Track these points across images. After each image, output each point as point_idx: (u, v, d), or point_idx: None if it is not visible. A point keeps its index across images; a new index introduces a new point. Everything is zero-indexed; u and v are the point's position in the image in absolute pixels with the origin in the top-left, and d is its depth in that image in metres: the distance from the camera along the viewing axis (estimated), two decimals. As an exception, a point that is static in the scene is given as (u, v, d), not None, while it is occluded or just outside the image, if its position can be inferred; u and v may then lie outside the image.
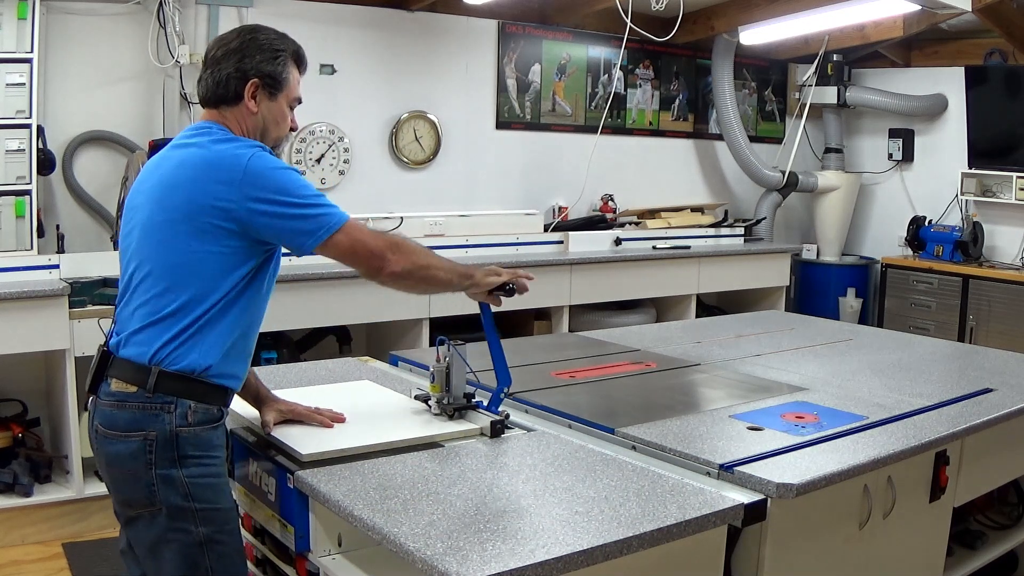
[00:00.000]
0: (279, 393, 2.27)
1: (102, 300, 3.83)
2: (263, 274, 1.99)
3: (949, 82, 6.46)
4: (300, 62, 2.12)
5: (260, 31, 2.11)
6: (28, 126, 3.97)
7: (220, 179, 1.88)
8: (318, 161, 5.11)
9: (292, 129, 2.13)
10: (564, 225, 5.74)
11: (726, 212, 6.51)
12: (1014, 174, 6.01)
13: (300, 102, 2.12)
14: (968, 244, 6.16)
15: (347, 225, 1.93)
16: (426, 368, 2.41)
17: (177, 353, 1.88)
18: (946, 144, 6.55)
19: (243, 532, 2.16)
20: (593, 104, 6.13)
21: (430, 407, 2.26)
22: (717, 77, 6.40)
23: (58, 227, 4.29)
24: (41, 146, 4.09)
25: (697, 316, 5.80)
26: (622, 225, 5.97)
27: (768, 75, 7.06)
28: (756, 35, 6.09)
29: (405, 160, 5.42)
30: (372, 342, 5.11)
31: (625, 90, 6.29)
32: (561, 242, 5.60)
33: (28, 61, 3.93)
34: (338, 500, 1.74)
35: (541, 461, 1.99)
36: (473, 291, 2.18)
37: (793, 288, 6.64)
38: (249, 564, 2.17)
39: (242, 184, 1.87)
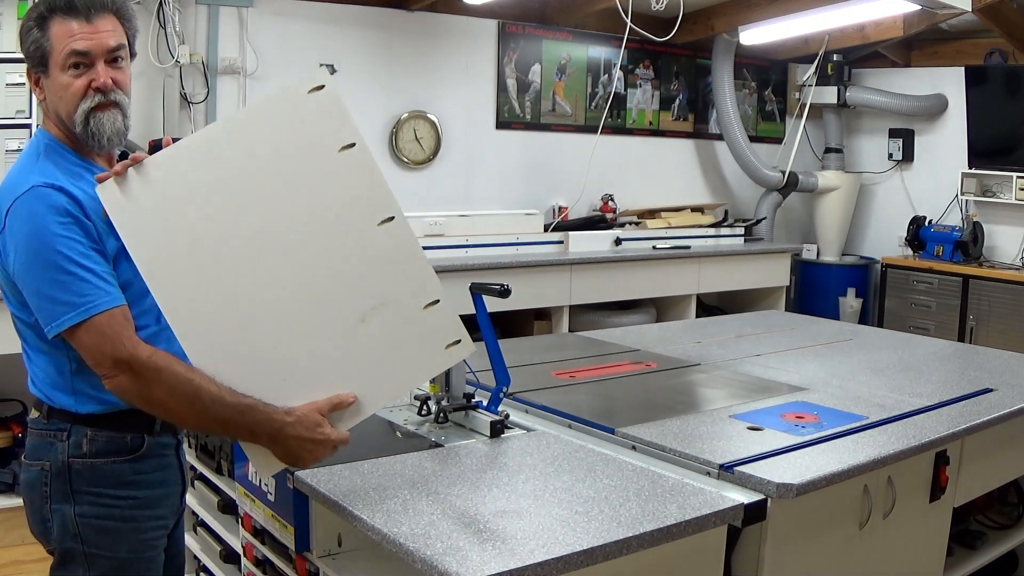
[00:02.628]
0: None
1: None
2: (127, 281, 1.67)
3: (949, 82, 6.45)
4: (62, 11, 1.67)
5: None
6: (28, 126, 3.96)
7: None
8: (318, 161, 5.11)
9: (98, 89, 1.68)
10: (564, 225, 5.73)
11: (726, 212, 6.51)
12: (1014, 174, 6.01)
13: (84, 53, 1.67)
14: (968, 244, 6.16)
15: (98, 319, 1.57)
16: (426, 368, 2.40)
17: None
18: (946, 144, 6.55)
19: (243, 532, 2.16)
20: (593, 104, 6.13)
21: (428, 407, 2.26)
22: (717, 77, 6.39)
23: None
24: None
25: (697, 316, 5.80)
26: (622, 225, 5.96)
27: (768, 75, 7.06)
28: (756, 35, 6.09)
29: (405, 160, 5.42)
30: (372, 342, 5.10)
31: (625, 90, 6.29)
32: (561, 242, 5.60)
33: (28, 61, 3.94)
34: (338, 500, 1.74)
35: (541, 461, 1.99)
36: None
37: (793, 288, 6.64)
38: (249, 564, 2.17)
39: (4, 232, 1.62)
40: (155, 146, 1.71)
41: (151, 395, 1.59)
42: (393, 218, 1.66)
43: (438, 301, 1.71)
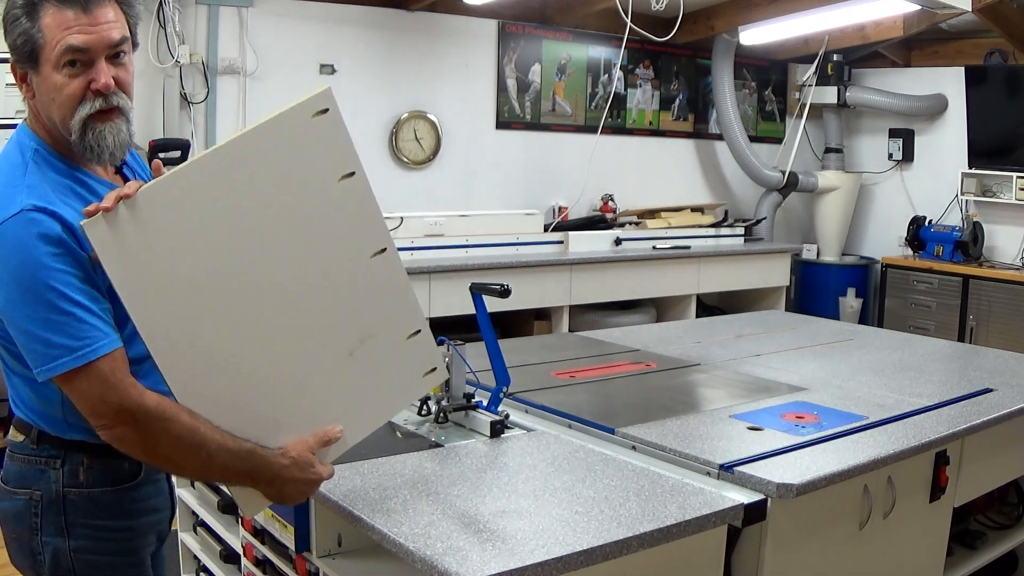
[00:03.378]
0: None
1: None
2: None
3: (949, 82, 6.46)
4: (33, 12, 1.44)
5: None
6: (28, 126, 3.96)
7: None
8: (318, 161, 5.10)
9: (98, 92, 1.47)
10: (564, 225, 5.74)
11: (726, 212, 6.51)
12: (1014, 174, 6.01)
13: (82, 49, 1.45)
14: (968, 244, 6.16)
15: (98, 364, 1.41)
16: (426, 368, 2.40)
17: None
18: (946, 144, 6.55)
19: (243, 532, 2.16)
20: (593, 104, 6.13)
21: (428, 407, 2.26)
22: (717, 77, 6.40)
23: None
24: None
25: (697, 316, 5.80)
26: (622, 225, 5.96)
27: (768, 75, 7.06)
28: (756, 35, 6.09)
29: (405, 160, 5.42)
30: (372, 342, 5.10)
31: (625, 90, 6.29)
32: (561, 242, 5.60)
33: (28, 61, 3.93)
34: (338, 500, 1.74)
35: (541, 461, 1.99)
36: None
37: (793, 288, 6.64)
38: (249, 564, 2.17)
39: None
40: (155, 146, 1.64)
41: (155, 448, 1.45)
42: (385, 249, 1.62)
43: (420, 331, 1.69)
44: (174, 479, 1.81)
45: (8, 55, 1.51)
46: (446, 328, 3.95)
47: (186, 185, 1.47)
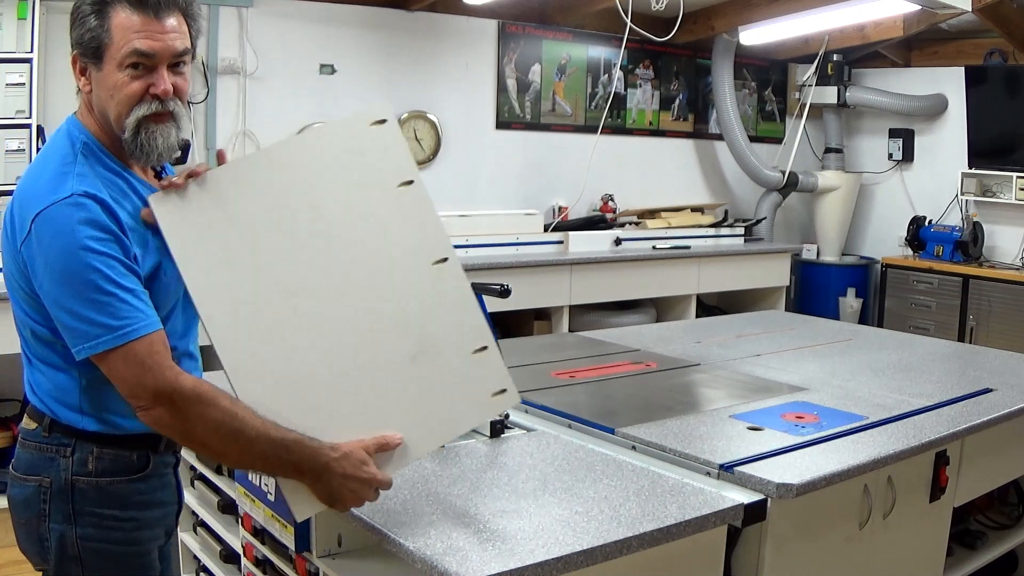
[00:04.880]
0: None
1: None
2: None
3: (949, 82, 6.46)
4: (103, 12, 1.51)
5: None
6: (28, 126, 3.97)
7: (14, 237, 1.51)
8: (318, 161, 5.11)
9: (156, 96, 1.53)
10: (564, 225, 5.74)
11: (726, 212, 6.51)
12: (1014, 174, 6.01)
13: (147, 54, 1.51)
14: (968, 244, 6.16)
15: (137, 344, 1.45)
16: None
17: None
18: (946, 144, 6.55)
19: (243, 532, 2.16)
20: (593, 104, 6.13)
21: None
22: (717, 77, 6.40)
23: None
24: (41, 146, 4.10)
25: (697, 316, 5.80)
26: (622, 225, 5.96)
27: (768, 75, 7.06)
28: (756, 35, 6.09)
29: (405, 160, 5.41)
30: (372, 342, 5.11)
31: (625, 90, 6.29)
32: (561, 242, 5.60)
33: (28, 61, 3.93)
34: (338, 500, 1.74)
35: (541, 461, 1.99)
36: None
37: (793, 288, 6.64)
38: (249, 564, 2.17)
39: (27, 245, 1.48)
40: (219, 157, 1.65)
41: (192, 431, 1.47)
42: (447, 259, 1.64)
43: (487, 347, 1.67)
44: (180, 474, 1.81)
45: (8, 56, 1.57)
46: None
47: (252, 171, 1.57)
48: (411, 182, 1.63)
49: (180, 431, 1.49)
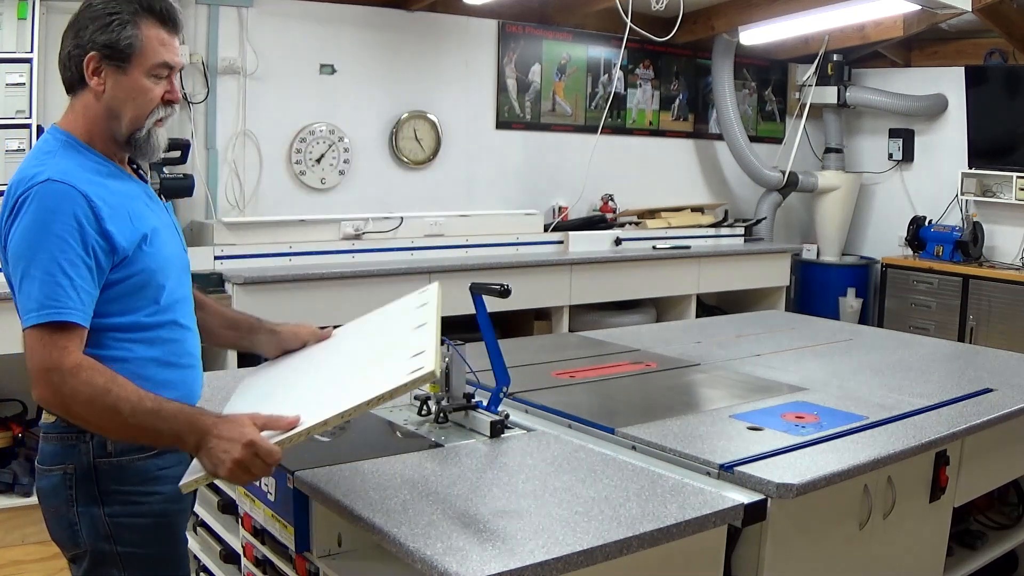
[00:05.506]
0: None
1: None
2: (133, 284, 1.69)
3: (949, 82, 6.46)
4: (157, 17, 1.70)
5: None
6: (28, 126, 3.97)
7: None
8: (318, 161, 5.11)
9: (170, 102, 1.75)
10: (564, 225, 5.73)
11: (726, 212, 6.51)
12: (1014, 174, 6.01)
13: (171, 67, 1.74)
14: (968, 244, 6.16)
15: (52, 326, 1.55)
16: (426, 368, 2.40)
17: None
18: (946, 144, 6.55)
19: (243, 532, 2.17)
20: (593, 104, 6.13)
21: (428, 407, 2.26)
22: (717, 77, 6.40)
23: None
24: (41, 146, 4.10)
25: (697, 316, 5.80)
26: (622, 225, 5.96)
27: (768, 75, 7.06)
28: (756, 35, 6.09)
29: (405, 160, 5.42)
30: (372, 342, 5.10)
31: (625, 90, 6.29)
32: (561, 242, 5.60)
33: (28, 61, 3.93)
34: (338, 500, 1.74)
35: (541, 461, 1.99)
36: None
37: (793, 288, 6.64)
38: (249, 564, 2.17)
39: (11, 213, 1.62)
40: None
41: (70, 407, 1.57)
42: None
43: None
44: None
45: (8, 56, 1.64)
46: (446, 328, 3.95)
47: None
48: (425, 324, 1.80)
49: (60, 406, 1.58)
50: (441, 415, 2.23)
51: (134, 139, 1.72)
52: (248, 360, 4.35)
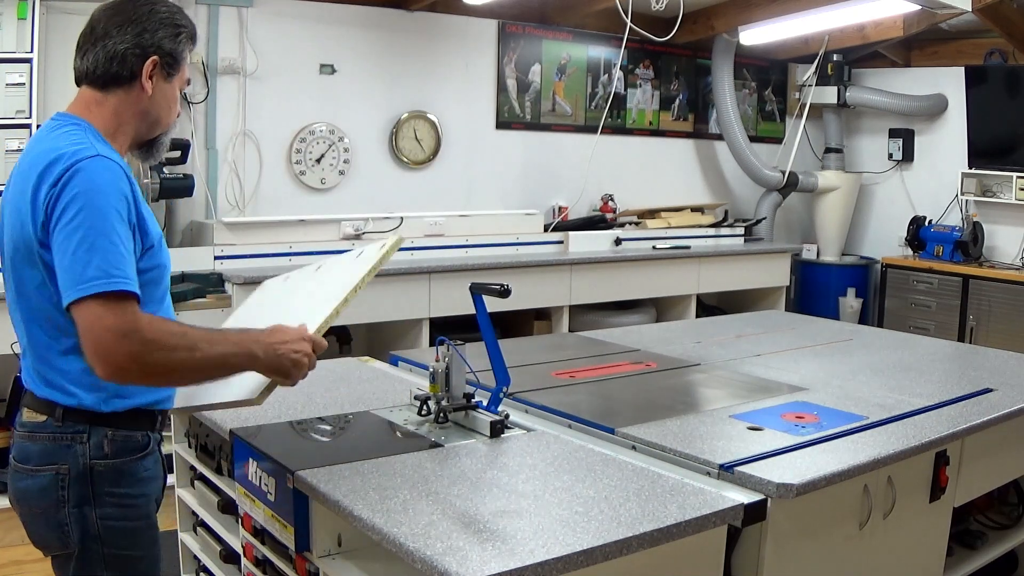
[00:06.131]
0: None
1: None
2: (153, 276, 1.73)
3: (949, 82, 6.46)
4: (195, 41, 1.84)
5: (157, 1, 1.78)
6: (28, 126, 3.97)
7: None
8: (318, 161, 5.11)
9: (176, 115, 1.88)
10: (564, 225, 5.74)
11: (726, 212, 6.51)
12: (1014, 174, 6.01)
13: (189, 83, 1.98)
14: (968, 244, 6.16)
15: (108, 296, 1.53)
16: (426, 368, 2.40)
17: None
18: (946, 144, 6.55)
19: (243, 532, 2.17)
20: (593, 104, 6.13)
21: (428, 407, 2.26)
22: (717, 77, 6.40)
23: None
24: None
25: (697, 316, 5.80)
26: (622, 225, 5.97)
27: (768, 75, 7.06)
28: (756, 35, 6.09)
29: (405, 160, 5.42)
30: (372, 342, 5.11)
31: (625, 90, 6.29)
32: (561, 242, 5.60)
33: (28, 61, 3.94)
34: (338, 500, 1.74)
35: (541, 461, 1.99)
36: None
37: (793, 288, 6.65)
38: (249, 564, 2.17)
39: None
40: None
41: (152, 361, 1.55)
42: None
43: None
44: (178, 474, 1.92)
45: (8, 56, 1.65)
46: (446, 328, 3.96)
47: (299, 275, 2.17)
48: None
49: (138, 366, 1.54)
50: (441, 415, 2.23)
51: (156, 142, 1.81)
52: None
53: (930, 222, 6.49)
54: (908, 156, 6.82)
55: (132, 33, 1.70)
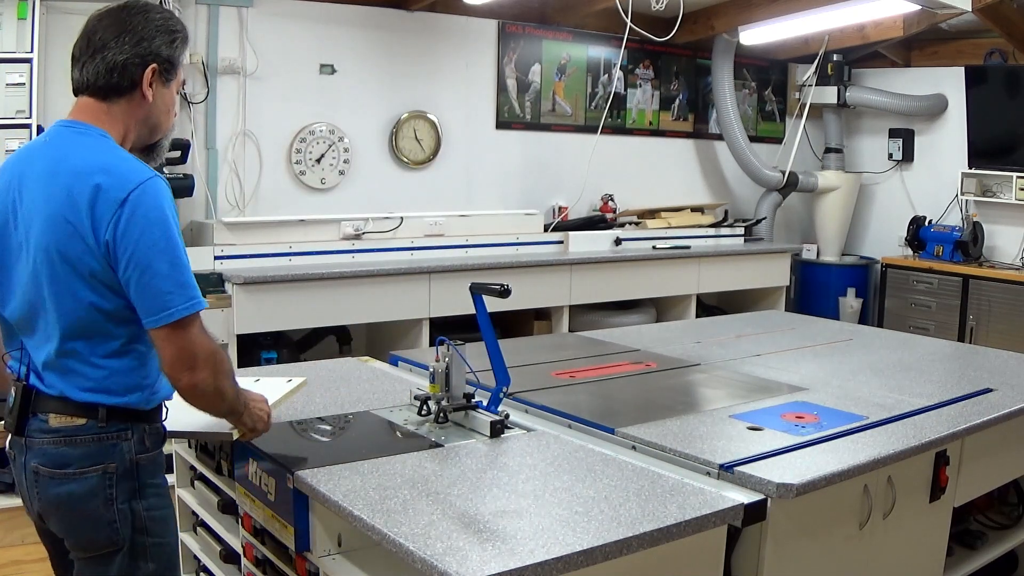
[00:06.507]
0: None
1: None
2: None
3: (949, 82, 6.46)
4: (188, 44, 1.86)
5: (151, 8, 1.78)
6: (28, 126, 3.97)
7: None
8: (318, 161, 5.11)
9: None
10: (564, 225, 5.73)
11: (726, 212, 6.51)
12: (1014, 174, 6.01)
13: (185, 84, 1.98)
14: (968, 244, 6.16)
15: (197, 316, 1.69)
16: (426, 368, 2.41)
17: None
18: (946, 144, 6.55)
19: (243, 532, 2.17)
20: (593, 104, 6.13)
21: (428, 407, 2.26)
22: (717, 77, 6.40)
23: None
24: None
25: (697, 316, 5.80)
26: (622, 225, 5.96)
27: (768, 75, 7.06)
28: (756, 35, 6.09)
29: (405, 160, 5.42)
30: (372, 342, 5.11)
31: (625, 90, 6.29)
32: (561, 242, 5.60)
33: (28, 61, 3.94)
34: (338, 500, 1.74)
35: (541, 461, 1.99)
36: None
37: (793, 288, 6.64)
38: (249, 564, 2.17)
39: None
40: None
41: (224, 384, 1.74)
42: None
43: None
44: (178, 473, 2.03)
45: (8, 56, 1.66)
46: (446, 328, 3.96)
47: None
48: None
49: (215, 386, 1.71)
50: (441, 415, 2.23)
51: (156, 146, 1.84)
52: (248, 361, 4.35)
53: (930, 222, 6.49)
54: (908, 156, 6.82)
55: (130, 43, 1.71)
